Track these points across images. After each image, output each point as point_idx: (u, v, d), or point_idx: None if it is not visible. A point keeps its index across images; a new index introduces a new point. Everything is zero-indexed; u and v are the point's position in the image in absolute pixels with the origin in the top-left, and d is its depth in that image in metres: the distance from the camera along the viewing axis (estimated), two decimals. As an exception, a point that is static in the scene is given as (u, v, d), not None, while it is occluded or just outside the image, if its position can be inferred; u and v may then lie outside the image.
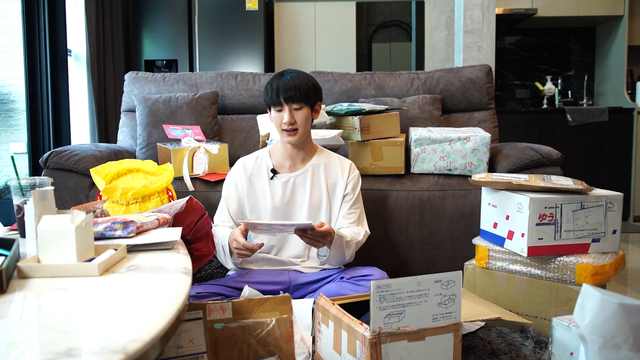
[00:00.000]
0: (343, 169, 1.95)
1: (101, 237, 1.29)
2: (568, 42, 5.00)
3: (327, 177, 1.93)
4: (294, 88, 1.80)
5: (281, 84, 1.81)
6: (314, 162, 1.94)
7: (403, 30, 5.33)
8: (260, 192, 1.91)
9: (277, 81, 1.83)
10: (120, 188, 1.90)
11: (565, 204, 1.74)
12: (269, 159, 1.94)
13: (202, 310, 1.26)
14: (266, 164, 1.93)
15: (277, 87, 1.81)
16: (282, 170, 1.92)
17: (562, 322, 1.48)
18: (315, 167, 1.93)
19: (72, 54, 3.58)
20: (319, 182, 1.92)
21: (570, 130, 4.32)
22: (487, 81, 2.71)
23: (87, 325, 0.81)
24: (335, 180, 1.93)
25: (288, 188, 1.90)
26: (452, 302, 1.32)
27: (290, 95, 1.80)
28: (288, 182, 1.90)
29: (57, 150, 2.29)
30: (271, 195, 1.89)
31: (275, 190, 1.90)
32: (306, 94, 1.82)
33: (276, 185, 1.90)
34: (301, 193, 1.90)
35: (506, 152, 2.32)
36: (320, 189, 1.91)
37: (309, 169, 1.92)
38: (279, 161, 1.93)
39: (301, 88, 1.81)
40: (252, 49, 4.29)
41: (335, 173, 1.94)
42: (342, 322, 1.37)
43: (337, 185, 1.93)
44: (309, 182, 1.91)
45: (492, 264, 1.88)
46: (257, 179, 1.92)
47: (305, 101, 1.83)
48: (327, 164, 1.95)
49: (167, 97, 2.64)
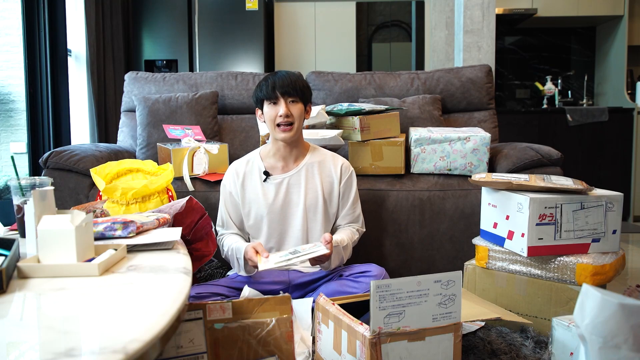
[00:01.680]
0: (336, 167, 1.93)
1: (101, 237, 1.29)
2: (568, 42, 5.01)
3: (322, 175, 1.92)
4: (290, 83, 1.81)
5: (277, 79, 1.82)
6: (307, 161, 1.92)
7: (403, 30, 5.33)
8: (253, 197, 1.90)
9: (272, 77, 1.84)
10: (120, 188, 1.90)
11: (565, 204, 1.74)
12: (260, 162, 1.92)
13: (202, 310, 1.26)
14: (258, 166, 1.92)
15: (272, 81, 1.82)
16: (274, 172, 1.91)
17: (562, 322, 1.48)
18: (309, 166, 1.92)
19: (72, 54, 3.58)
20: (313, 182, 1.91)
21: (570, 130, 4.32)
22: (487, 81, 2.71)
23: (87, 325, 0.81)
24: (330, 178, 1.92)
25: (282, 189, 1.89)
26: (452, 302, 1.32)
27: (286, 89, 1.81)
28: (282, 183, 1.89)
29: (57, 150, 2.29)
30: (265, 198, 1.88)
31: (269, 192, 1.89)
32: (301, 91, 1.84)
33: (269, 188, 1.89)
34: (296, 193, 1.89)
35: (506, 152, 2.32)
36: (315, 189, 1.90)
37: (302, 168, 1.91)
38: (270, 163, 1.92)
39: (297, 84, 1.83)
40: (252, 49, 4.29)
41: (329, 171, 1.93)
42: (342, 322, 1.37)
43: (332, 183, 1.92)
44: (303, 182, 1.89)
45: (492, 264, 1.88)
46: (250, 183, 1.91)
47: (300, 96, 1.83)
48: (321, 162, 1.93)
49: (167, 97, 2.64)
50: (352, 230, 1.90)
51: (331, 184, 1.92)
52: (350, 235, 1.87)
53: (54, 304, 0.91)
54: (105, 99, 3.76)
